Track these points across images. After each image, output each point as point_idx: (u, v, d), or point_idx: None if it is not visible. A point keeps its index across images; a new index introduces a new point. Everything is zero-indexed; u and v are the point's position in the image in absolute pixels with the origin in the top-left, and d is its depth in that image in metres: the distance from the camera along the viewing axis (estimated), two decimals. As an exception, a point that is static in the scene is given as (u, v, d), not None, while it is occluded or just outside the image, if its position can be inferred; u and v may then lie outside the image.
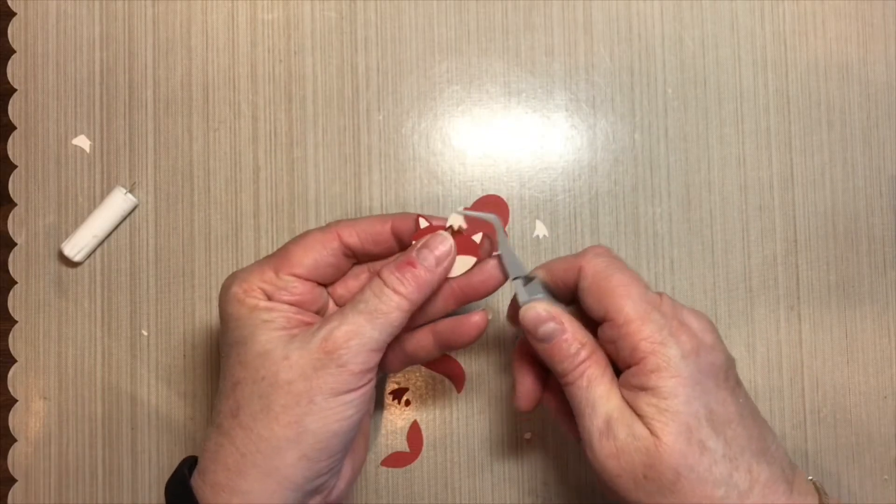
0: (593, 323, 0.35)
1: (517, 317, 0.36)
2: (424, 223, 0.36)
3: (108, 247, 0.45)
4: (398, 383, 0.45)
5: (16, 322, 0.45)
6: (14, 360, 0.45)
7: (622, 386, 0.33)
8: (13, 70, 0.46)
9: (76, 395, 0.45)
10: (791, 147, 0.46)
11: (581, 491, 0.44)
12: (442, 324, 0.37)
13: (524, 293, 0.36)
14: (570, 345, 0.34)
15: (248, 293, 0.35)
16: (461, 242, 0.36)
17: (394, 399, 0.45)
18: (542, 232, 0.45)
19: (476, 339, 0.37)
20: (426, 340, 0.38)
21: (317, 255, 0.36)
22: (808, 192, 0.45)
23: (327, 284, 0.37)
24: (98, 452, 0.44)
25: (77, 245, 0.44)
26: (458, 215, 0.36)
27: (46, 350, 0.45)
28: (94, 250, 0.45)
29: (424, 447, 0.44)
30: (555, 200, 0.45)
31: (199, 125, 0.45)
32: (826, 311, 0.45)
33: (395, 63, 0.46)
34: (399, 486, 0.44)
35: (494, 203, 0.45)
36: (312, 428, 0.33)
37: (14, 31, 0.46)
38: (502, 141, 0.45)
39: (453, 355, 0.45)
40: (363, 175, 0.45)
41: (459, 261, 0.36)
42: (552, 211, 0.45)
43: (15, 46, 0.46)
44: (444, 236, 0.35)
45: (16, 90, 0.46)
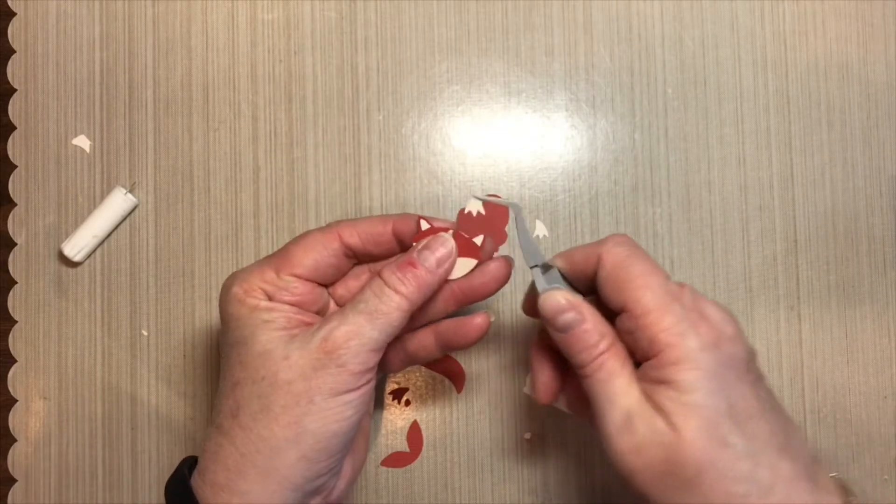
0: (612, 314, 0.34)
1: (534, 307, 0.35)
2: (426, 225, 0.36)
3: (108, 247, 0.45)
4: (398, 383, 0.45)
5: (16, 322, 0.45)
6: (14, 360, 0.45)
7: (641, 379, 0.32)
8: (13, 70, 0.46)
9: (76, 395, 0.45)
10: (791, 147, 0.46)
11: (581, 491, 0.44)
12: (444, 324, 0.37)
13: (542, 282, 0.35)
14: (590, 335, 0.32)
15: (249, 293, 0.35)
16: (462, 244, 0.36)
17: (394, 399, 0.45)
18: (542, 232, 0.45)
19: (477, 340, 0.36)
20: (427, 341, 0.37)
21: (317, 256, 0.36)
22: (808, 192, 0.45)
23: (328, 285, 0.37)
24: (98, 452, 0.44)
25: (77, 245, 0.44)
26: (476, 200, 0.36)
27: (46, 350, 0.45)
28: (94, 250, 0.45)
29: (424, 447, 0.44)
30: (555, 200, 0.45)
31: (199, 125, 0.45)
32: (826, 311, 0.45)
33: (395, 63, 0.46)
34: (399, 486, 0.44)
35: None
36: (312, 428, 0.33)
37: (14, 31, 0.46)
38: (502, 141, 0.45)
39: (453, 355, 0.45)
40: (363, 175, 0.45)
41: (460, 263, 0.36)
42: (552, 211, 0.45)
43: (15, 46, 0.46)
44: (446, 238, 0.35)
45: (16, 90, 0.46)
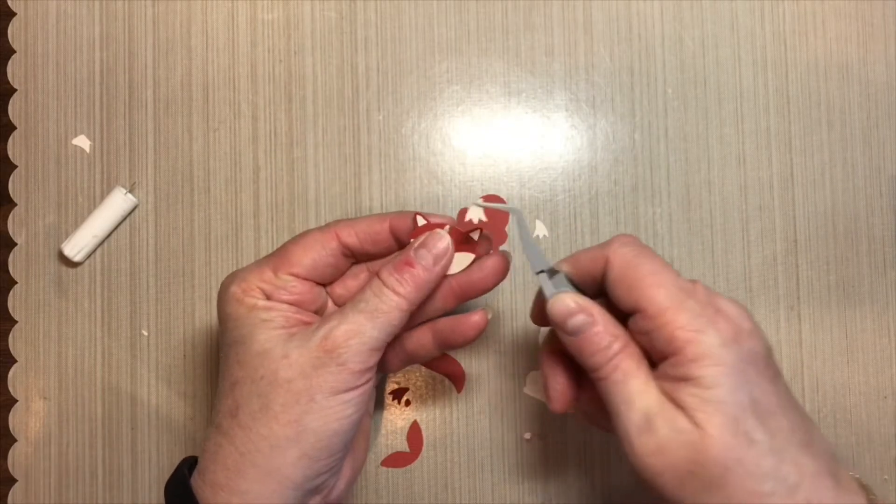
0: (622, 317, 0.33)
1: (542, 315, 0.34)
2: (422, 221, 0.36)
3: (108, 247, 0.45)
4: (398, 383, 0.45)
5: (16, 322, 0.45)
6: (14, 360, 0.45)
7: (659, 378, 0.31)
8: (13, 70, 0.46)
9: (76, 395, 0.45)
10: (791, 147, 0.46)
11: (581, 491, 0.44)
12: (441, 323, 0.37)
13: (550, 287, 0.34)
14: (602, 337, 0.32)
15: (247, 292, 0.35)
16: (459, 239, 0.36)
17: (394, 399, 0.45)
18: (542, 232, 0.45)
19: (475, 338, 0.36)
20: (426, 339, 0.37)
21: (315, 255, 0.36)
22: (808, 192, 0.45)
23: (326, 284, 0.37)
24: (98, 452, 0.44)
25: (77, 245, 0.44)
26: (477, 208, 0.36)
27: (46, 350, 0.45)
28: (94, 250, 0.45)
29: (424, 447, 0.44)
30: (555, 200, 0.45)
31: (199, 125, 0.45)
32: (826, 311, 0.45)
33: (395, 63, 0.46)
34: (399, 486, 0.44)
35: (494, 203, 0.45)
36: (312, 427, 0.33)
37: (14, 31, 0.46)
38: (502, 141, 0.45)
39: (453, 355, 0.45)
40: (363, 175, 0.45)
41: (458, 258, 0.36)
42: (552, 211, 0.45)
43: (15, 46, 0.46)
44: (441, 234, 0.35)
45: (16, 90, 0.46)
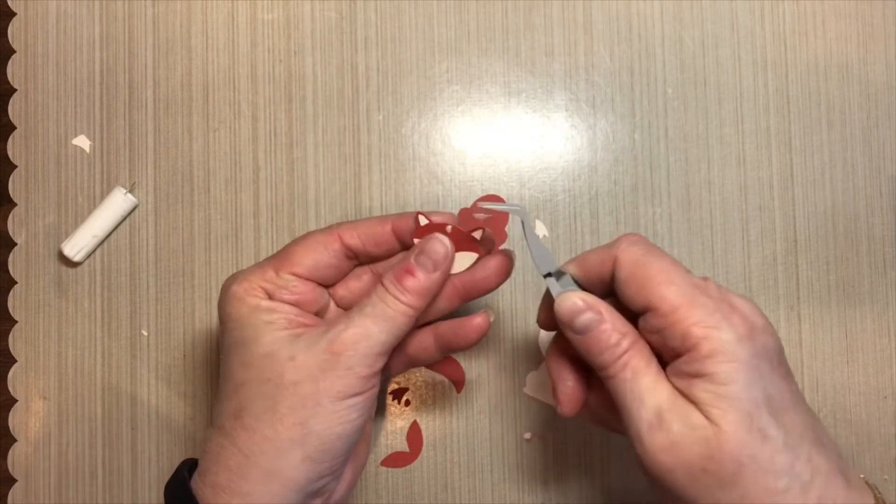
0: (631, 318, 0.33)
1: (550, 318, 0.34)
2: (424, 220, 0.36)
3: (108, 247, 0.45)
4: (398, 383, 0.45)
5: (16, 322, 0.45)
6: (14, 360, 0.45)
7: (672, 375, 0.31)
8: (13, 70, 0.46)
9: (76, 395, 0.45)
10: (791, 147, 0.46)
11: (581, 491, 0.44)
12: (443, 326, 0.37)
13: (557, 288, 0.34)
14: (610, 335, 0.31)
15: (249, 292, 0.35)
16: (462, 238, 0.36)
17: (394, 399, 0.45)
18: (542, 232, 0.45)
19: (478, 341, 0.36)
20: (427, 343, 0.37)
21: (318, 256, 0.36)
22: (808, 192, 0.45)
23: (328, 285, 0.37)
24: (98, 452, 0.44)
25: (77, 245, 0.44)
26: (483, 210, 0.36)
27: (46, 350, 0.45)
28: (94, 250, 0.45)
29: (424, 447, 0.44)
30: (555, 200, 0.45)
31: (199, 125, 0.45)
32: (826, 311, 0.45)
33: (395, 63, 0.46)
34: (399, 486, 0.44)
35: (494, 203, 0.45)
36: (317, 430, 0.32)
37: (14, 31, 0.46)
38: (502, 141, 0.45)
39: (453, 355, 0.45)
40: (363, 175, 0.45)
41: (461, 257, 0.36)
42: (552, 211, 0.45)
43: (15, 46, 0.46)
44: (440, 239, 0.35)
45: (16, 90, 0.46)
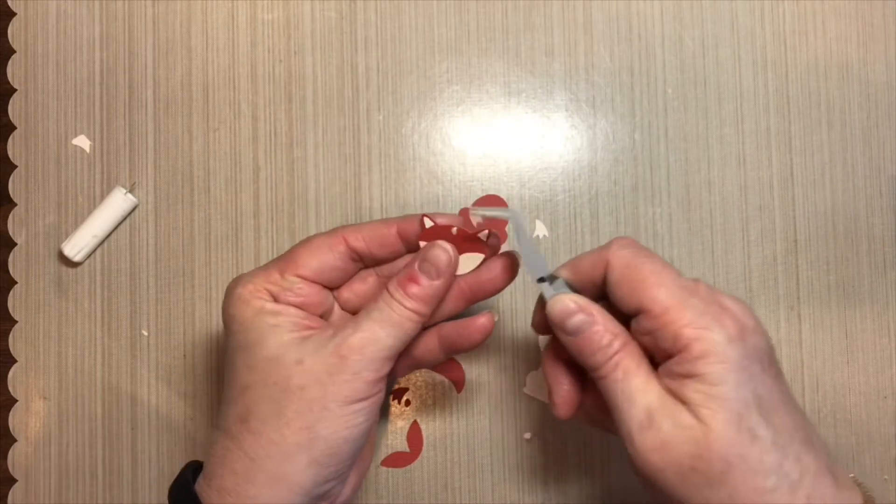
0: (623, 320, 0.33)
1: (544, 322, 0.34)
2: (429, 223, 0.36)
3: (108, 247, 0.45)
4: (398, 383, 0.45)
5: (16, 322, 0.45)
6: (14, 360, 0.45)
7: (663, 376, 0.31)
8: (13, 70, 0.46)
9: (76, 395, 0.45)
10: (791, 147, 0.46)
11: (581, 491, 0.44)
12: (447, 327, 0.37)
13: (550, 292, 0.34)
14: (602, 336, 0.32)
15: (254, 294, 0.34)
16: (467, 240, 0.36)
17: (394, 399, 0.45)
18: (542, 232, 0.45)
19: (482, 341, 0.36)
20: (432, 345, 0.37)
21: (322, 258, 0.36)
22: (808, 192, 0.45)
23: (333, 288, 0.37)
24: (98, 452, 0.44)
25: (77, 245, 0.44)
26: (476, 215, 0.36)
27: (46, 350, 0.45)
28: (94, 250, 0.45)
29: (424, 447, 0.44)
30: (555, 200, 0.45)
31: (199, 125, 0.45)
32: (826, 311, 0.45)
33: (395, 63, 0.46)
34: (399, 486, 0.44)
35: (494, 203, 0.45)
36: (324, 434, 0.32)
37: (14, 31, 0.46)
38: (502, 141, 0.45)
39: (454, 356, 0.45)
40: (363, 175, 0.45)
41: (467, 259, 0.36)
42: (552, 211, 0.45)
43: (15, 46, 0.46)
44: (443, 246, 0.35)
45: (16, 90, 0.46)
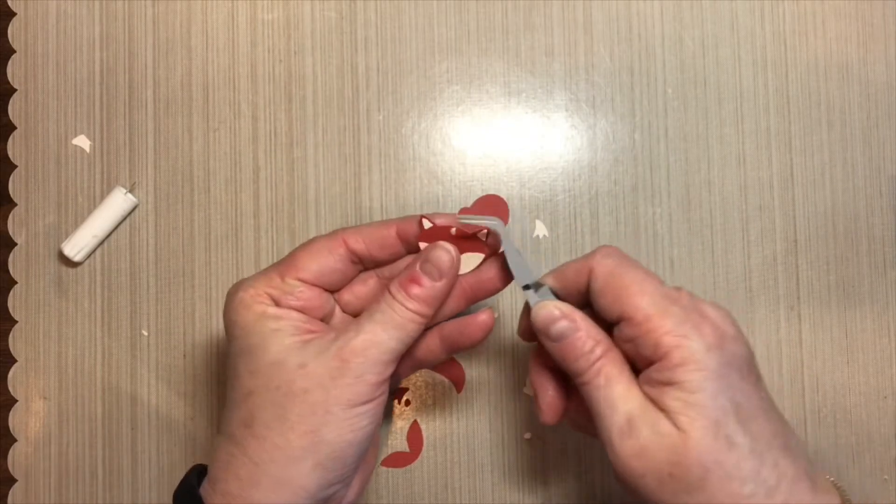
0: (606, 328, 0.34)
1: (530, 329, 0.34)
2: (428, 224, 0.36)
3: (108, 247, 0.45)
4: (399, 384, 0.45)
5: (16, 322, 0.45)
6: (14, 360, 0.45)
7: (644, 383, 0.32)
8: (13, 70, 0.46)
9: (76, 395, 0.45)
10: (791, 147, 0.46)
11: (581, 491, 0.44)
12: (448, 326, 0.37)
13: (535, 299, 0.35)
14: (585, 342, 0.32)
15: (255, 299, 0.34)
16: (467, 239, 0.36)
17: (394, 399, 0.45)
18: (542, 232, 0.45)
19: (483, 338, 0.36)
20: (434, 345, 0.37)
21: (323, 260, 0.36)
22: (808, 192, 0.45)
23: (334, 291, 0.37)
24: (98, 452, 0.44)
25: (77, 245, 0.44)
26: (463, 222, 0.36)
27: (46, 350, 0.45)
28: (94, 250, 0.45)
29: (424, 447, 0.44)
30: (555, 200, 0.45)
31: (199, 125, 0.45)
32: (826, 311, 0.45)
33: (395, 63, 0.46)
34: (399, 486, 0.44)
35: (494, 203, 0.45)
36: (328, 438, 0.32)
37: (14, 31, 0.46)
38: (502, 141, 0.45)
39: (454, 355, 0.45)
40: (363, 175, 0.45)
41: (468, 258, 0.36)
42: (552, 211, 0.45)
43: (15, 46, 0.46)
44: (445, 247, 0.35)
45: (16, 90, 0.46)
